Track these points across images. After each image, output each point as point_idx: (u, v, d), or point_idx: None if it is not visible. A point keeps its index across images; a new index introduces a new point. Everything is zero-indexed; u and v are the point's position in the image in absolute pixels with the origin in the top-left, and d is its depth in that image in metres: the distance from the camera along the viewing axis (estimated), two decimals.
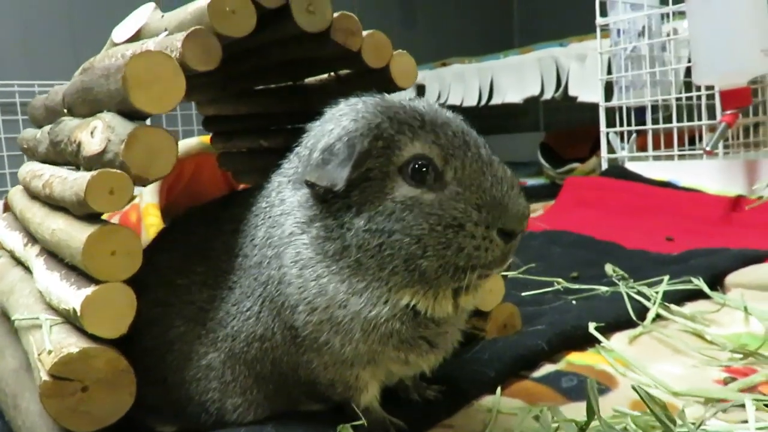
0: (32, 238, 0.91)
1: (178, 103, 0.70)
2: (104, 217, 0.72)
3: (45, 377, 0.65)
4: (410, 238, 0.61)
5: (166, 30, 0.80)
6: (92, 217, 0.71)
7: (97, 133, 0.72)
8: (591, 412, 0.56)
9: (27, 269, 0.91)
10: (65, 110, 0.91)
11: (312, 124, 0.71)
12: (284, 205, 0.69)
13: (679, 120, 2.26)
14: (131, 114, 0.72)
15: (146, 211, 1.65)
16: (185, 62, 0.69)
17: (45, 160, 0.96)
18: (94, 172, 0.67)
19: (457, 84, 3.54)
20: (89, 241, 0.66)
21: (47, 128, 0.94)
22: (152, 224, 1.58)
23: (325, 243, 0.64)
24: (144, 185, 0.70)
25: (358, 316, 0.64)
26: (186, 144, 1.65)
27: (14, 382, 0.80)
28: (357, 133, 0.63)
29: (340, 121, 0.65)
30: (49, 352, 0.66)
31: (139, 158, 0.68)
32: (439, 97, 3.57)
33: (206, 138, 1.41)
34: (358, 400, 0.72)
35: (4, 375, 0.83)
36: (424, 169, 0.62)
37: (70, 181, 0.72)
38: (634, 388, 0.58)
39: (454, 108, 0.72)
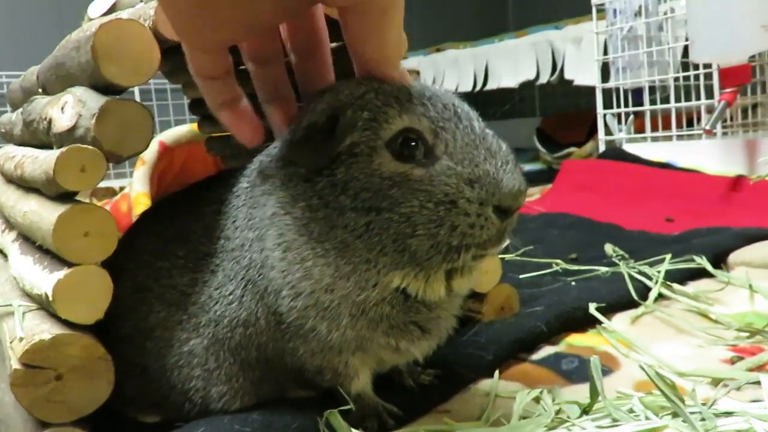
0: (9, 223, 0.87)
1: (153, 74, 0.66)
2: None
3: (16, 365, 0.61)
4: (399, 216, 0.57)
5: (141, 1, 0.76)
6: (65, 197, 0.67)
7: (67, 108, 0.68)
8: (594, 393, 0.53)
9: (5, 256, 0.87)
10: (40, 90, 0.87)
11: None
12: (266, 184, 0.65)
13: (677, 101, 2.22)
14: (104, 88, 0.68)
15: (137, 200, 1.61)
16: (159, 30, 0.65)
17: (21, 143, 0.92)
18: (63, 149, 0.63)
19: (451, 70, 3.50)
20: (60, 221, 0.63)
21: (21, 109, 0.90)
22: None
23: (310, 223, 0.61)
24: (117, 162, 0.66)
25: (345, 300, 0.61)
26: (176, 132, 1.61)
27: None
28: (339, 103, 0.59)
29: (323, 97, 0.61)
30: (21, 339, 0.63)
31: (112, 133, 0.64)
32: (433, 83, 3.53)
33: (196, 125, 1.37)
34: (349, 387, 0.68)
35: None
36: (413, 143, 0.58)
37: (40, 160, 0.69)
38: (641, 368, 0.54)
39: None
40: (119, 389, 0.66)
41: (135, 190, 1.63)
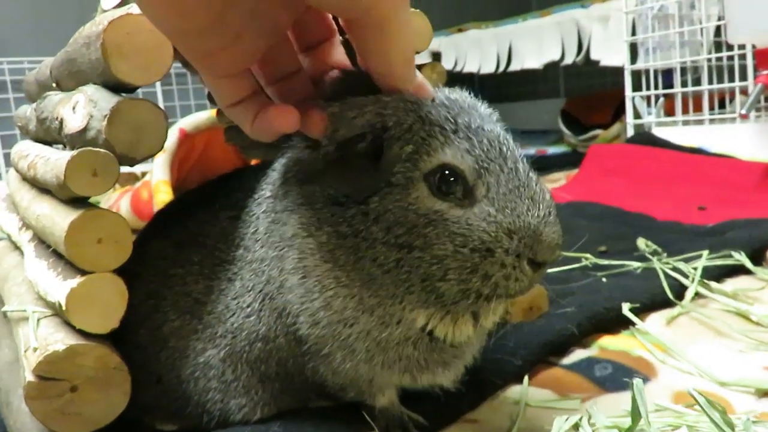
0: (24, 222, 0.85)
1: (165, 72, 0.63)
2: (112, 195, 0.66)
3: (30, 377, 0.59)
4: (431, 257, 0.54)
5: None
6: (77, 201, 0.65)
7: (78, 108, 0.65)
8: (636, 416, 0.49)
9: (23, 254, 0.86)
10: (54, 84, 0.85)
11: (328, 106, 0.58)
12: (287, 200, 0.61)
13: (710, 83, 2.14)
14: (116, 86, 0.65)
15: (157, 188, 1.60)
16: None
17: (36, 139, 0.90)
18: (74, 152, 0.60)
19: (474, 50, 3.42)
20: (72, 228, 0.60)
21: (35, 104, 0.87)
22: (163, 201, 1.53)
23: (336, 251, 0.57)
24: (131, 165, 0.63)
25: (365, 336, 0.59)
26: (196, 118, 1.59)
27: (8, 376, 0.75)
28: (384, 133, 0.54)
29: (363, 112, 0.55)
30: (35, 349, 0.61)
31: (124, 135, 0.61)
32: (455, 64, 3.45)
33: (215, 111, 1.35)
34: (373, 403, 0.66)
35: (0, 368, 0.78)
36: (453, 179, 0.54)
37: (51, 162, 0.66)
38: (691, 395, 0.51)
39: (471, 76, 0.64)
40: (135, 397, 0.64)
41: (155, 178, 1.62)
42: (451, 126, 0.55)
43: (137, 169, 2.94)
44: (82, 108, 0.64)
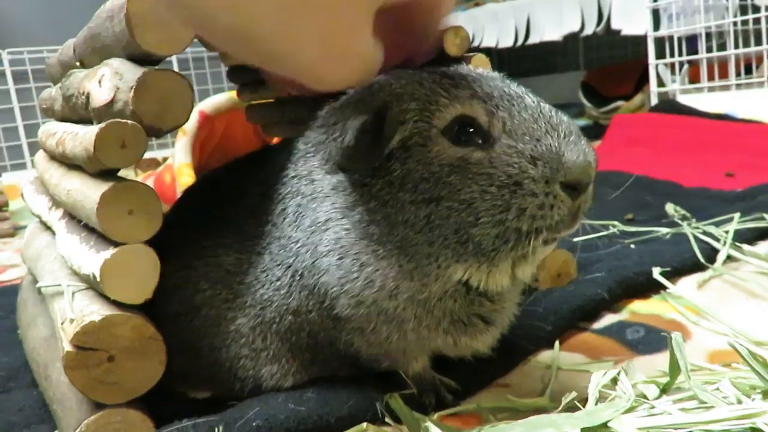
0: (55, 201, 0.86)
1: (189, 43, 0.63)
2: (138, 179, 0.67)
3: (68, 347, 0.60)
4: (459, 203, 0.53)
5: None
6: (107, 174, 0.65)
7: (105, 81, 0.65)
8: (675, 371, 0.49)
9: (54, 233, 0.87)
10: (78, 63, 0.85)
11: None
12: (315, 185, 0.62)
13: (735, 48, 2.09)
14: (141, 58, 0.65)
15: (180, 171, 1.61)
16: None
17: (62, 119, 0.91)
18: (102, 124, 0.61)
19: (491, 24, 3.37)
20: (103, 199, 0.61)
21: (60, 84, 0.88)
22: (186, 184, 1.54)
23: (369, 226, 0.57)
24: (158, 136, 0.64)
25: (410, 302, 0.58)
26: (216, 100, 1.60)
27: (45, 351, 0.76)
28: (382, 101, 0.55)
29: (371, 94, 0.57)
30: (71, 321, 0.62)
31: (151, 106, 0.62)
32: (473, 39, 3.41)
33: (235, 93, 1.35)
34: (407, 370, 0.66)
35: (36, 344, 0.80)
36: (471, 129, 0.54)
37: (80, 137, 0.67)
38: (731, 345, 0.50)
39: (489, 50, 0.64)
40: (169, 366, 0.65)
41: (178, 161, 1.63)
42: (450, 81, 0.56)
43: (158, 154, 2.97)
44: (108, 81, 0.65)
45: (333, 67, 0.52)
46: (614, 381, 0.54)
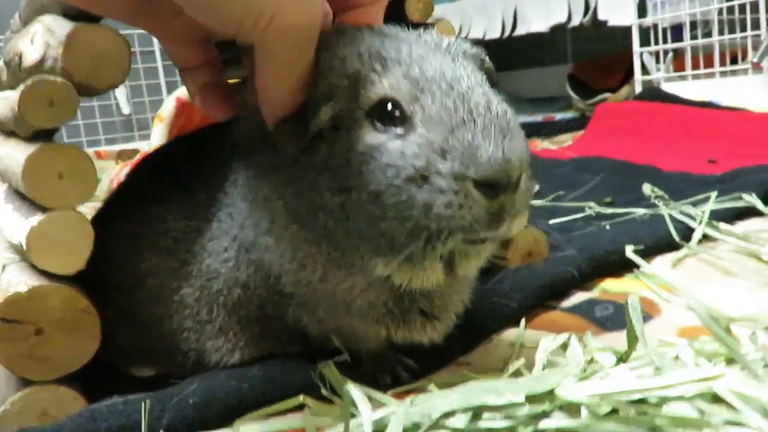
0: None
1: None
2: (114, 169, 0.63)
3: None
4: (367, 194, 0.48)
5: None
6: (39, 138, 0.61)
7: (36, 38, 0.61)
8: (633, 338, 0.45)
9: None
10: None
11: None
12: (258, 161, 0.57)
13: (720, 35, 2.06)
14: (76, 15, 0.61)
15: None
16: None
17: (9, 89, 0.87)
18: (28, 81, 0.57)
19: (479, 16, 3.34)
20: (29, 161, 0.57)
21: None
22: None
23: (300, 208, 0.53)
24: (91, 95, 0.60)
25: (336, 289, 0.56)
26: None
27: None
28: (315, 72, 0.50)
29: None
30: None
31: (83, 63, 0.58)
32: (460, 31, 3.38)
33: None
34: (359, 349, 0.63)
35: None
36: (393, 111, 0.49)
37: (10, 99, 0.62)
38: (691, 308, 0.46)
39: (476, 42, 0.58)
40: (111, 340, 0.62)
41: (153, 147, 1.59)
42: (393, 53, 0.50)
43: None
44: (40, 38, 0.61)
45: None
46: (564, 347, 0.51)
